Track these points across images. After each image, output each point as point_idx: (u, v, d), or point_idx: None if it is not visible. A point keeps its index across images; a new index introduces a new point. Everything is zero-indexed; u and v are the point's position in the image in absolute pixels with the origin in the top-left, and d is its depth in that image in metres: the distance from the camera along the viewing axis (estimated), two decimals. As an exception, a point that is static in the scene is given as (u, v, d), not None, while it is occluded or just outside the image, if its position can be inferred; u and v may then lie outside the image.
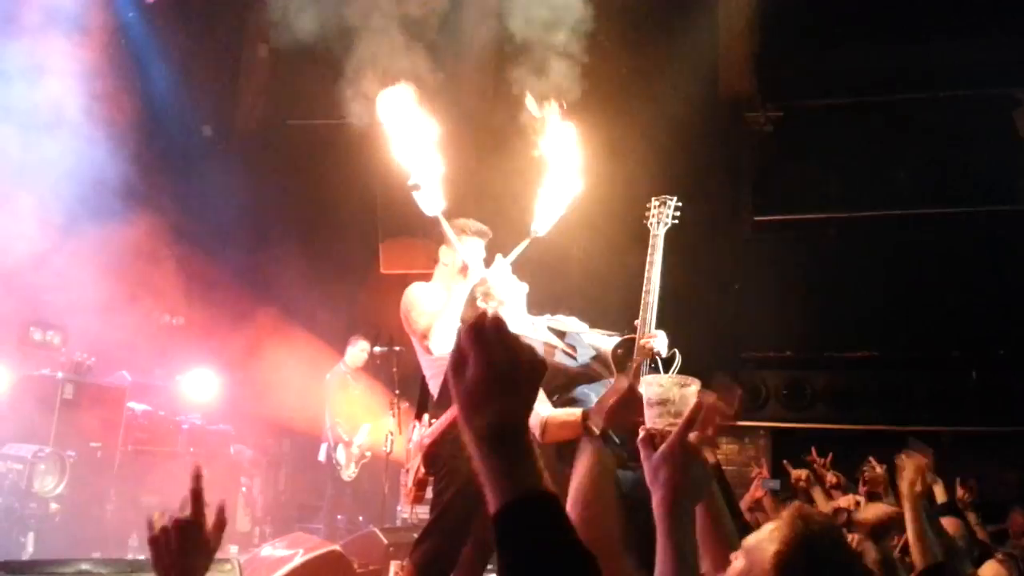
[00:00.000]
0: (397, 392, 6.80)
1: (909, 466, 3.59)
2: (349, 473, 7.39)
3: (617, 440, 3.40)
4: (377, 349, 7.43)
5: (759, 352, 8.80)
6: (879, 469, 5.36)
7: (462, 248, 4.14)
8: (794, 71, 8.78)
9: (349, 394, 7.54)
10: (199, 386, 8.02)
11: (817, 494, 5.36)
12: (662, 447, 1.52)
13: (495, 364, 1.22)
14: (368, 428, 7.46)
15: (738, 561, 1.58)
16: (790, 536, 1.54)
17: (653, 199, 3.97)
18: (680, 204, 3.96)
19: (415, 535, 4.51)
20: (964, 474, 4.90)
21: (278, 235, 9.01)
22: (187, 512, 1.72)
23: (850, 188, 8.69)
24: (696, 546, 1.53)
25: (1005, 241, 8.32)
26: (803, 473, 5.42)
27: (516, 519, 1.17)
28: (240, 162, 9.23)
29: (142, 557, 6.26)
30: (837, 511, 4.91)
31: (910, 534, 3.39)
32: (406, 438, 4.45)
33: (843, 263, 8.47)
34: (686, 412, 1.57)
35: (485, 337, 1.24)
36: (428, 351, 4.15)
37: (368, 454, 7.47)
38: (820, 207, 8.81)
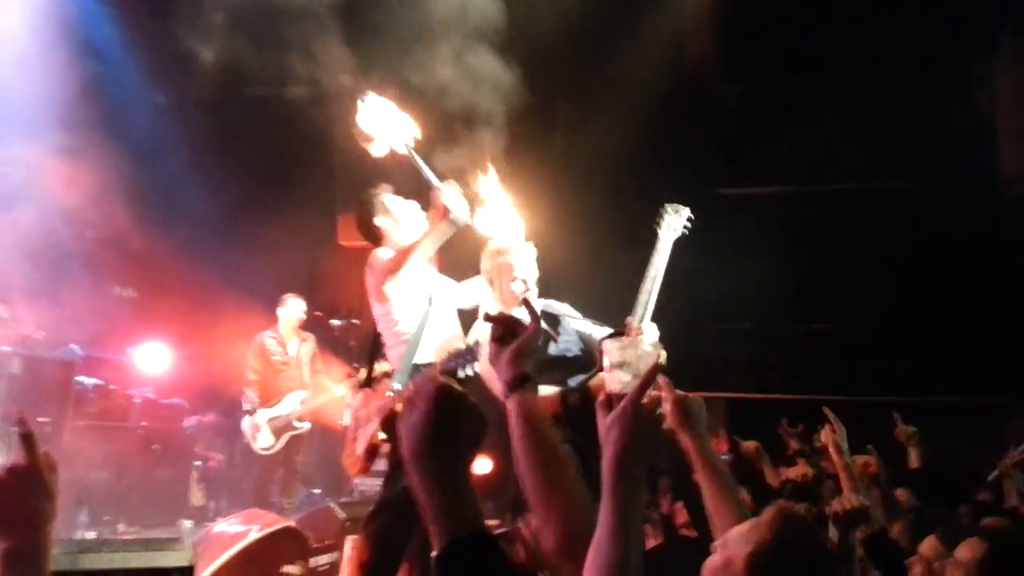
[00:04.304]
0: (355, 366, 6.69)
1: (826, 439, 3.65)
2: (260, 445, 6.92)
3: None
4: (335, 322, 7.27)
5: (718, 324, 8.85)
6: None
7: (443, 187, 4.01)
8: (759, 44, 8.75)
9: (273, 360, 7.13)
10: (151, 359, 7.85)
11: (765, 467, 5.37)
12: (616, 407, 1.49)
13: (436, 425, 1.36)
14: (295, 397, 7.02)
15: (716, 555, 1.54)
16: (766, 539, 1.50)
17: (668, 206, 4.03)
18: (692, 217, 4.02)
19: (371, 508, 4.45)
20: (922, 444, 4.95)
21: (233, 206, 8.82)
22: (20, 459, 1.57)
23: (814, 162, 8.71)
24: (641, 515, 1.48)
25: (966, 217, 8.41)
26: (752, 445, 5.42)
27: (456, 559, 1.27)
28: (195, 132, 9.00)
29: (92, 535, 6.16)
30: (785, 482, 4.93)
31: (845, 488, 3.44)
32: (352, 405, 4.34)
33: (804, 237, 8.51)
34: (642, 374, 1.54)
35: (431, 400, 1.38)
36: (382, 297, 4.05)
37: (299, 426, 7.01)
38: (784, 181, 8.84)
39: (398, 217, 4.25)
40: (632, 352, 1.61)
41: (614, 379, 1.62)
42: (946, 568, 2.61)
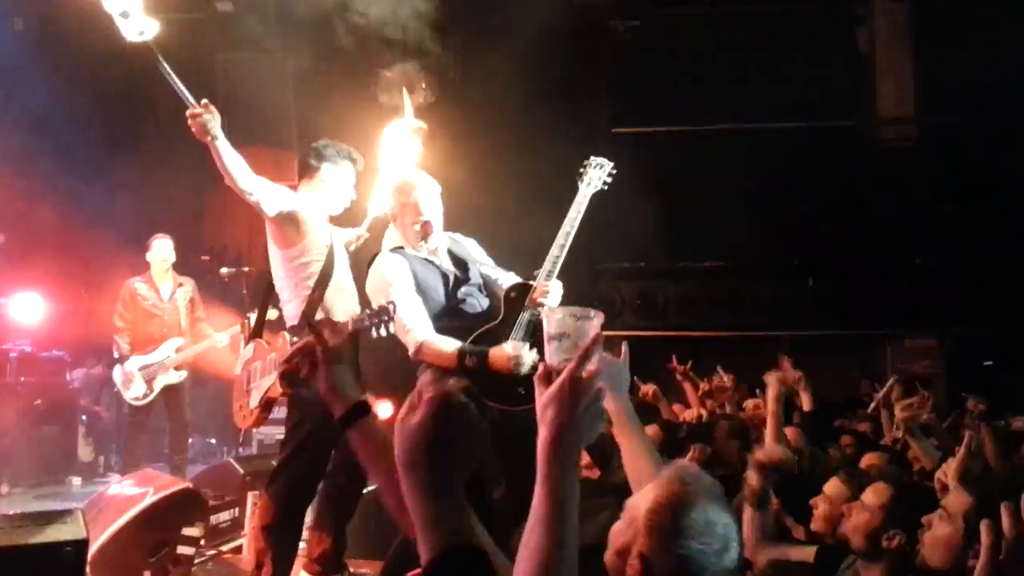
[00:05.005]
0: (248, 315, 6.44)
1: (773, 381, 3.80)
2: (132, 395, 6.47)
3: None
4: (225, 270, 6.90)
5: (614, 263, 8.99)
6: (726, 380, 5.62)
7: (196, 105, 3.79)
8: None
9: (144, 305, 6.62)
10: (25, 310, 7.37)
11: (663, 408, 5.54)
12: (552, 384, 1.40)
13: (435, 434, 1.35)
14: (170, 344, 6.57)
15: (622, 518, 1.54)
16: (664, 498, 1.51)
17: (592, 159, 3.95)
18: (615, 171, 3.96)
19: (273, 462, 4.37)
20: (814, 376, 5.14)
21: (109, 144, 8.30)
22: None
23: (703, 101, 8.82)
24: (576, 495, 1.39)
25: (846, 155, 8.72)
26: (650, 389, 5.56)
27: (444, 571, 1.26)
28: (62, 62, 8.35)
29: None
30: (680, 424, 5.10)
31: (768, 437, 3.60)
32: (242, 359, 4.19)
33: (695, 175, 8.66)
34: (582, 345, 1.44)
35: (433, 407, 1.37)
36: (284, 242, 3.92)
37: (175, 375, 6.54)
38: (674, 119, 8.92)
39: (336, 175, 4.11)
40: (572, 322, 1.50)
41: (553, 351, 1.51)
42: (853, 510, 2.71)
